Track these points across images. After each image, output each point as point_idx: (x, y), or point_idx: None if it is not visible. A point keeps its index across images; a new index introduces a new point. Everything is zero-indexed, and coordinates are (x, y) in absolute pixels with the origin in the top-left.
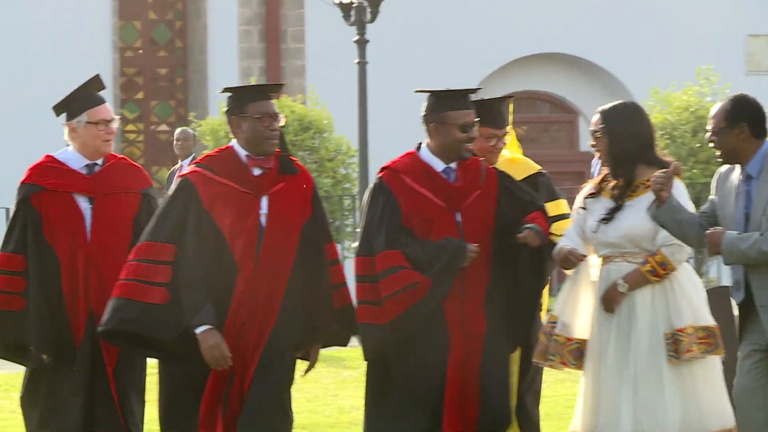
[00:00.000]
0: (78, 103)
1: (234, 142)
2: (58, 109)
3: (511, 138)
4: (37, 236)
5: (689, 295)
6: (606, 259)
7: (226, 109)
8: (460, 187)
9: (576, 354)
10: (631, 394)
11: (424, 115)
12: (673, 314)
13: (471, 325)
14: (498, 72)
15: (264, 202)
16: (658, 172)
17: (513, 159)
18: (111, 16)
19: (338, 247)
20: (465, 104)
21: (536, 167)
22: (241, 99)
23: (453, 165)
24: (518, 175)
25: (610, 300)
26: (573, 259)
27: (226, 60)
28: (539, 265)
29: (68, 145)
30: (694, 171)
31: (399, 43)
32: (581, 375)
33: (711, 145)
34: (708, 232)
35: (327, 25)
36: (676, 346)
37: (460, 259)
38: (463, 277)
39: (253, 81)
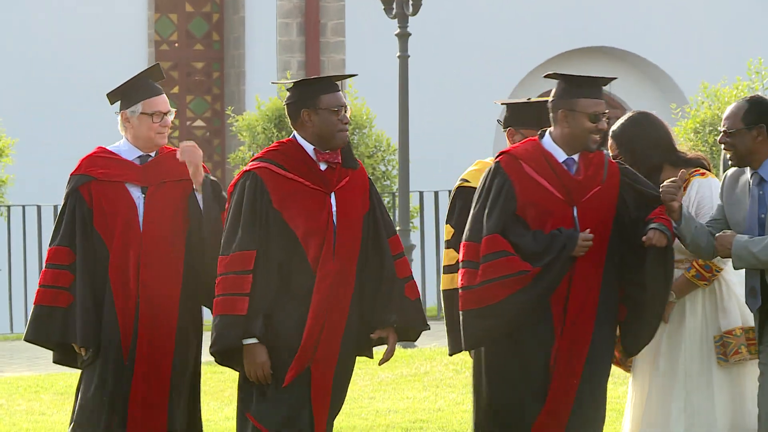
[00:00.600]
0: (134, 92)
1: (297, 136)
2: (113, 96)
3: None
4: (86, 227)
5: (737, 295)
6: None
7: (292, 100)
8: (581, 180)
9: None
10: (682, 400)
11: (552, 102)
12: (722, 316)
13: (575, 329)
14: (541, 66)
15: (333, 199)
16: (667, 182)
17: None
18: (146, 8)
19: None
20: (597, 93)
21: None
22: (314, 91)
23: (575, 156)
24: None
25: None
26: None
27: (264, 54)
28: (666, 267)
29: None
30: None
31: (441, 37)
32: (630, 378)
33: (723, 146)
34: (718, 235)
35: (368, 17)
36: (724, 348)
37: (570, 248)
38: (570, 277)
39: (289, 76)
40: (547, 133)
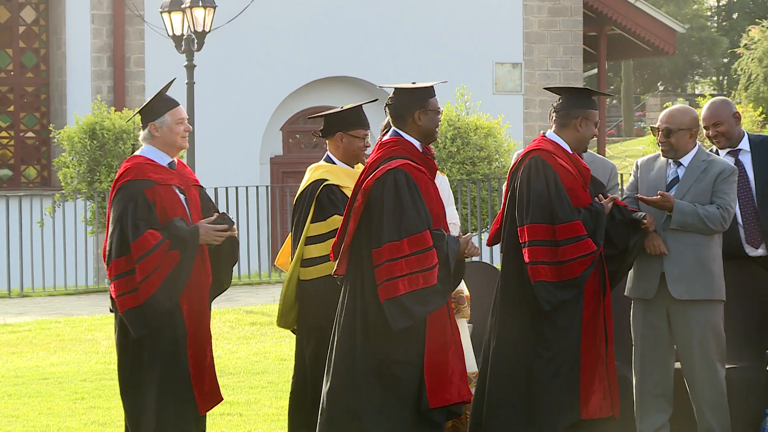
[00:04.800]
0: (160, 105)
1: (402, 133)
2: (145, 113)
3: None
4: (154, 225)
5: None
6: None
7: (403, 102)
8: (586, 173)
9: None
10: None
11: (567, 111)
12: None
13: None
14: (294, 93)
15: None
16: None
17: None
18: None
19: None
20: (596, 104)
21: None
22: (425, 95)
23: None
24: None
25: None
26: None
27: (81, 81)
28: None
29: (140, 146)
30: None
31: (220, 68)
32: None
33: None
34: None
35: (162, 52)
36: None
37: (604, 221)
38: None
39: (99, 98)
40: (552, 134)
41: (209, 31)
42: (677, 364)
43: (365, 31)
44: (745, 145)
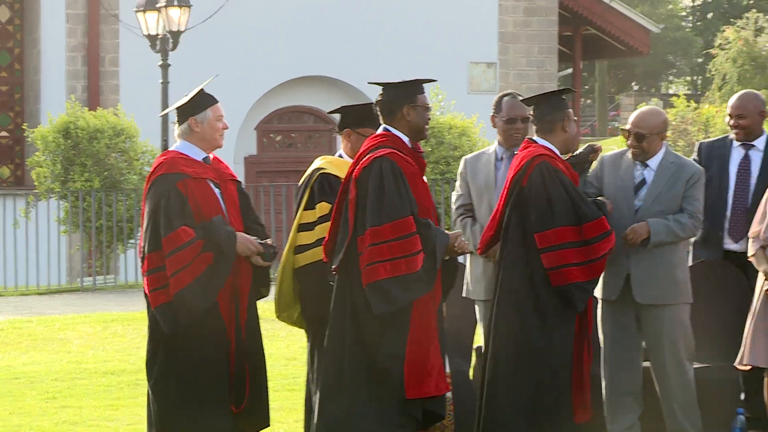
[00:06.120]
0: (202, 101)
1: (392, 129)
2: (188, 106)
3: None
4: (187, 220)
5: None
6: None
7: (391, 98)
8: (575, 176)
9: None
10: None
11: (555, 114)
12: None
13: None
14: (272, 90)
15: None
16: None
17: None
18: None
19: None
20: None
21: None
22: (414, 91)
23: None
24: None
25: None
26: None
27: (55, 80)
28: None
29: (176, 142)
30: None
31: (194, 67)
32: None
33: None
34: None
35: (137, 52)
36: None
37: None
38: None
39: (73, 98)
40: (541, 140)
41: (184, 31)
42: (645, 363)
43: (340, 31)
44: (760, 143)
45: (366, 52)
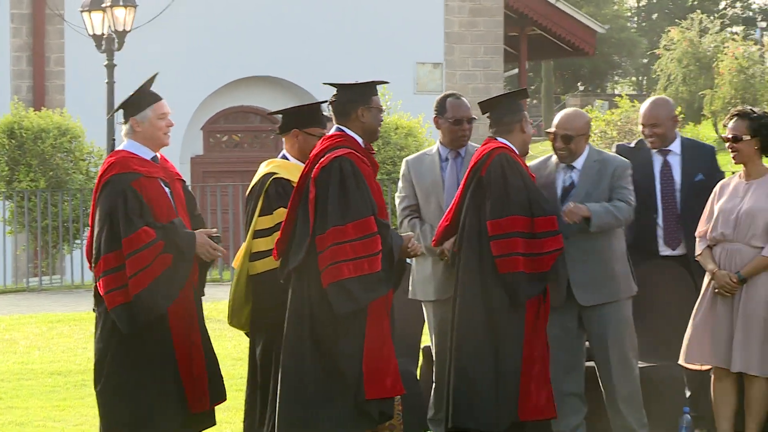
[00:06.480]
0: (142, 99)
1: (346, 129)
2: (127, 106)
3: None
4: (148, 220)
5: None
6: None
7: (346, 99)
8: (533, 176)
9: None
10: None
11: (515, 115)
12: None
13: None
14: (218, 90)
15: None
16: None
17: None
18: None
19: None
20: None
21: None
22: (369, 92)
23: None
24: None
25: None
26: None
27: (1, 79)
28: None
29: (123, 141)
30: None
31: (140, 67)
32: None
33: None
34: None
35: (83, 52)
36: None
37: None
38: None
39: (16, 99)
40: (502, 139)
41: (130, 31)
42: (590, 363)
43: (285, 31)
44: (676, 147)
45: (312, 53)
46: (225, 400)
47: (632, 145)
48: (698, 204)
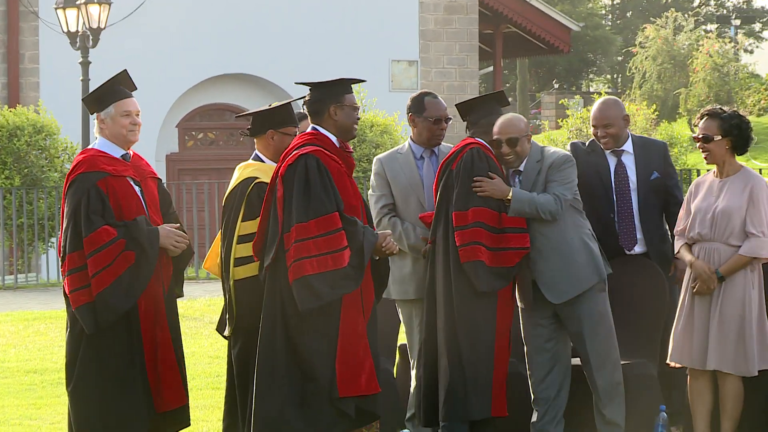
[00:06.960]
0: (107, 96)
1: (320, 128)
2: (88, 102)
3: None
4: (109, 219)
5: None
6: None
7: (319, 98)
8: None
9: None
10: None
11: (491, 117)
12: None
13: None
14: (194, 88)
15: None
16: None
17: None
18: None
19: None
20: None
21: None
22: (341, 90)
23: None
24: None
25: None
26: None
27: None
28: None
29: (95, 139)
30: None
31: (115, 65)
32: None
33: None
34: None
35: (57, 49)
36: None
37: None
38: None
39: None
40: (480, 140)
41: (104, 28)
42: (575, 361)
43: (261, 29)
44: (628, 146)
45: (287, 50)
46: (186, 403)
47: (585, 145)
48: (655, 202)
